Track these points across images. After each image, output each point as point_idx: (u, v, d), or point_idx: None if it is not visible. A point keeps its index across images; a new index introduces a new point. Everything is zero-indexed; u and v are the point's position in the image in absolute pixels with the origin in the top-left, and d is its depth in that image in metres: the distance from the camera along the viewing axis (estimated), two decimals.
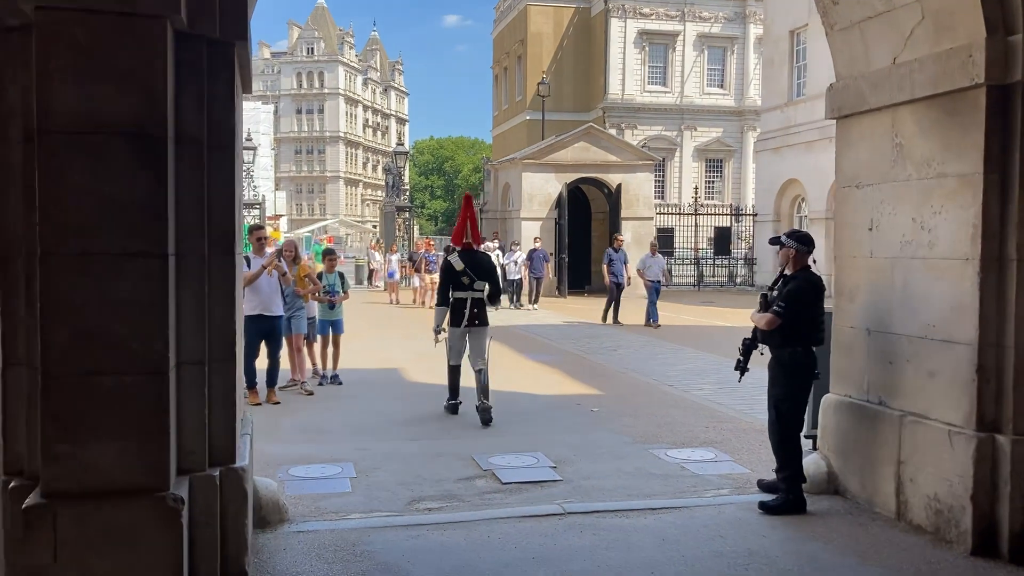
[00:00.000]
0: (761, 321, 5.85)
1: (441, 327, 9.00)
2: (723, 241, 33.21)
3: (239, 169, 4.63)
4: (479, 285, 8.88)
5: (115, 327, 3.77)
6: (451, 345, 8.95)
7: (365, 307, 21.99)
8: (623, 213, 26.48)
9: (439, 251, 23.47)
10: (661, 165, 41.21)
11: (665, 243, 24.42)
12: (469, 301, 8.82)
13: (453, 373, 9.02)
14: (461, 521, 5.55)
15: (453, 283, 8.92)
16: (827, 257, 12.08)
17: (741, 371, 6.15)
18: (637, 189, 27.22)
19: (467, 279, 8.86)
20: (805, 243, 5.93)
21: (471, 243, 9.10)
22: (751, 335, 6.09)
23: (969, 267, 5.03)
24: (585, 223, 28.68)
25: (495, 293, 9.04)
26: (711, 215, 32.87)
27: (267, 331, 9.47)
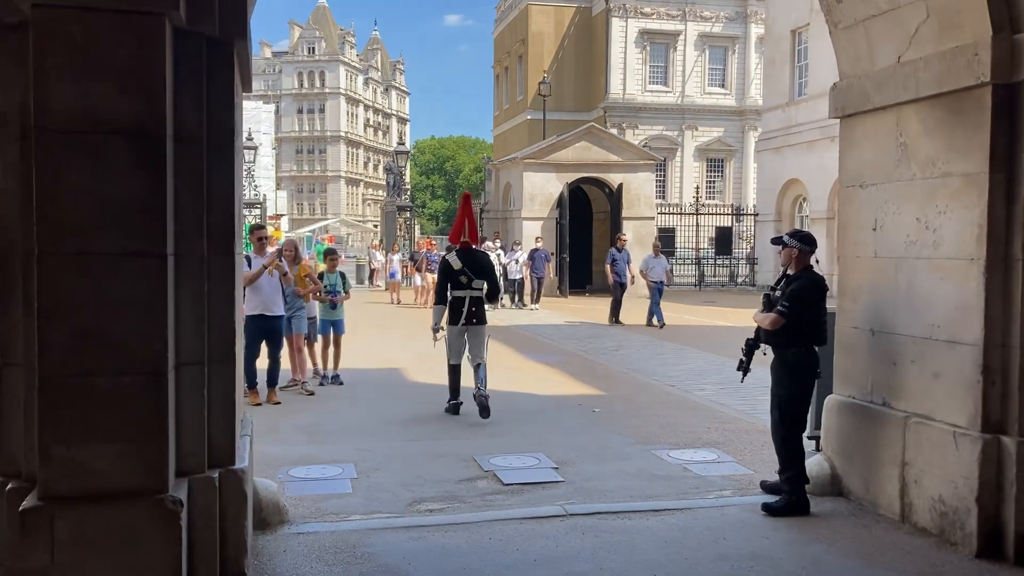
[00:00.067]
0: (765, 321, 5.82)
1: (439, 326, 8.99)
2: (724, 241, 33.23)
3: (239, 168, 4.60)
4: (477, 284, 8.88)
5: (113, 327, 3.74)
6: (450, 343, 8.94)
7: (366, 307, 21.99)
8: (624, 213, 26.46)
9: (441, 250, 23.45)
10: (662, 165, 41.21)
11: (666, 243, 24.36)
12: (467, 300, 8.82)
13: (453, 373, 8.99)
14: (462, 523, 5.52)
15: (451, 282, 8.91)
16: (829, 257, 12.10)
17: (744, 371, 6.13)
18: (638, 189, 27.21)
19: (465, 278, 8.86)
20: (808, 243, 5.90)
21: (469, 242, 9.09)
22: (754, 335, 6.06)
23: (974, 267, 4.99)
24: (586, 223, 28.68)
25: (493, 292, 9.04)
26: (712, 215, 32.90)
27: (268, 331, 9.46)
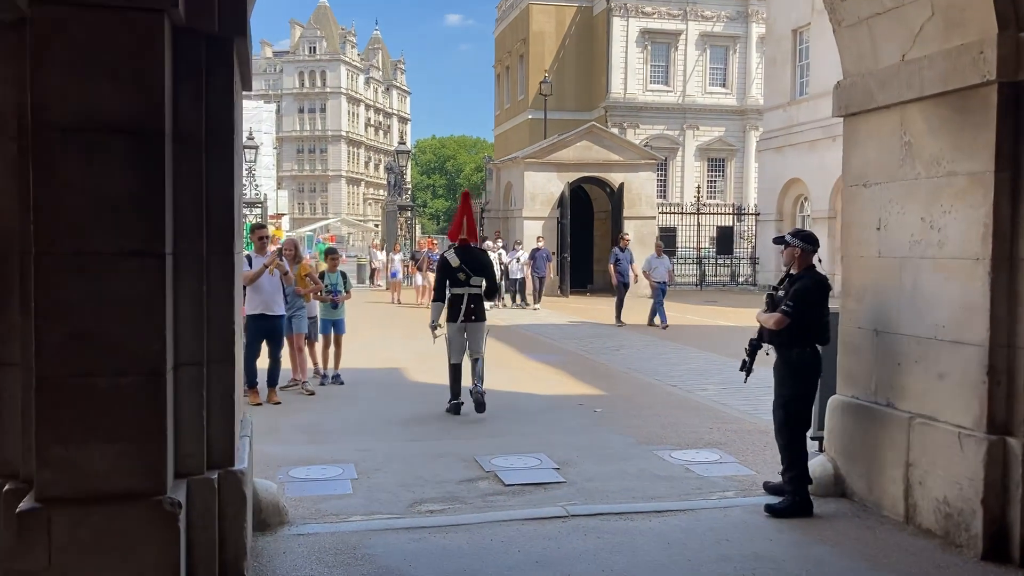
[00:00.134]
0: (769, 321, 5.78)
1: (437, 323, 8.98)
2: (725, 240, 33.19)
3: (239, 167, 4.56)
4: (475, 281, 8.87)
5: (111, 327, 3.71)
6: (451, 341, 8.92)
7: (367, 306, 21.96)
8: (625, 212, 26.41)
9: (442, 249, 23.43)
10: (663, 164, 41.14)
11: (668, 242, 24.39)
12: (466, 297, 8.82)
13: (454, 372, 8.96)
14: (463, 524, 5.48)
15: (450, 279, 8.90)
16: (830, 257, 12.08)
17: (747, 371, 6.09)
18: (639, 188, 27.16)
19: (463, 275, 8.86)
20: (810, 242, 5.87)
21: (467, 239, 9.08)
22: (757, 335, 6.02)
23: (980, 267, 4.95)
24: (587, 222, 28.65)
25: (492, 289, 9.03)
26: (713, 214, 32.88)
27: (269, 330, 9.43)
